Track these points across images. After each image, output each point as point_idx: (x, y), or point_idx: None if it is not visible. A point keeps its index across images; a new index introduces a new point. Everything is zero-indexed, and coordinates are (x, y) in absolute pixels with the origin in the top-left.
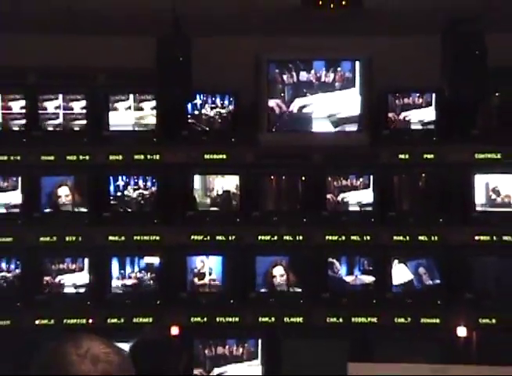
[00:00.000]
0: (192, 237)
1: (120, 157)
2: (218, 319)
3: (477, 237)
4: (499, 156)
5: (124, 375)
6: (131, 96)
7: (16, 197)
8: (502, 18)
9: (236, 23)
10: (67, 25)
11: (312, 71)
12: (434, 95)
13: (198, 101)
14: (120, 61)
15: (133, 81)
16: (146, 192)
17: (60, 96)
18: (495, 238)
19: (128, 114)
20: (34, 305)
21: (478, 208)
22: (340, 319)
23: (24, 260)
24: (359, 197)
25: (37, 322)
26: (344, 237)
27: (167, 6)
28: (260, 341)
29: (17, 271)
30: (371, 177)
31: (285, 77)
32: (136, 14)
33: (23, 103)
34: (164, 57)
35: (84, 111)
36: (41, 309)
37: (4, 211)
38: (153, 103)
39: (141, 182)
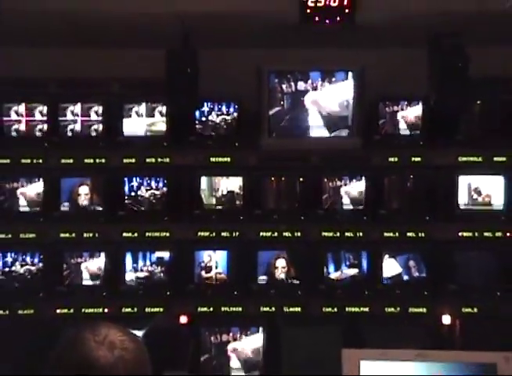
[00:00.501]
0: (200, 234)
1: (134, 160)
2: (223, 309)
3: (460, 233)
4: (480, 159)
5: (138, 361)
6: (144, 104)
7: (38, 197)
8: (483, 33)
9: (240, 37)
10: (85, 39)
11: (309, 81)
12: (420, 103)
13: (205, 108)
14: (133, 72)
15: (145, 90)
16: (157, 192)
17: (78, 104)
18: (476, 234)
19: (141, 121)
20: (55, 295)
21: (461, 207)
22: (335, 309)
23: (46, 254)
24: (353, 197)
25: (58, 311)
26: (338, 234)
27: (176, 21)
28: (261, 328)
29: (40, 264)
30: (363, 178)
31: (284, 86)
32: (147, 29)
33: (44, 110)
34: (173, 68)
35: (101, 118)
36: (62, 299)
37: (27, 209)
38: (164, 111)
39: (153, 183)
